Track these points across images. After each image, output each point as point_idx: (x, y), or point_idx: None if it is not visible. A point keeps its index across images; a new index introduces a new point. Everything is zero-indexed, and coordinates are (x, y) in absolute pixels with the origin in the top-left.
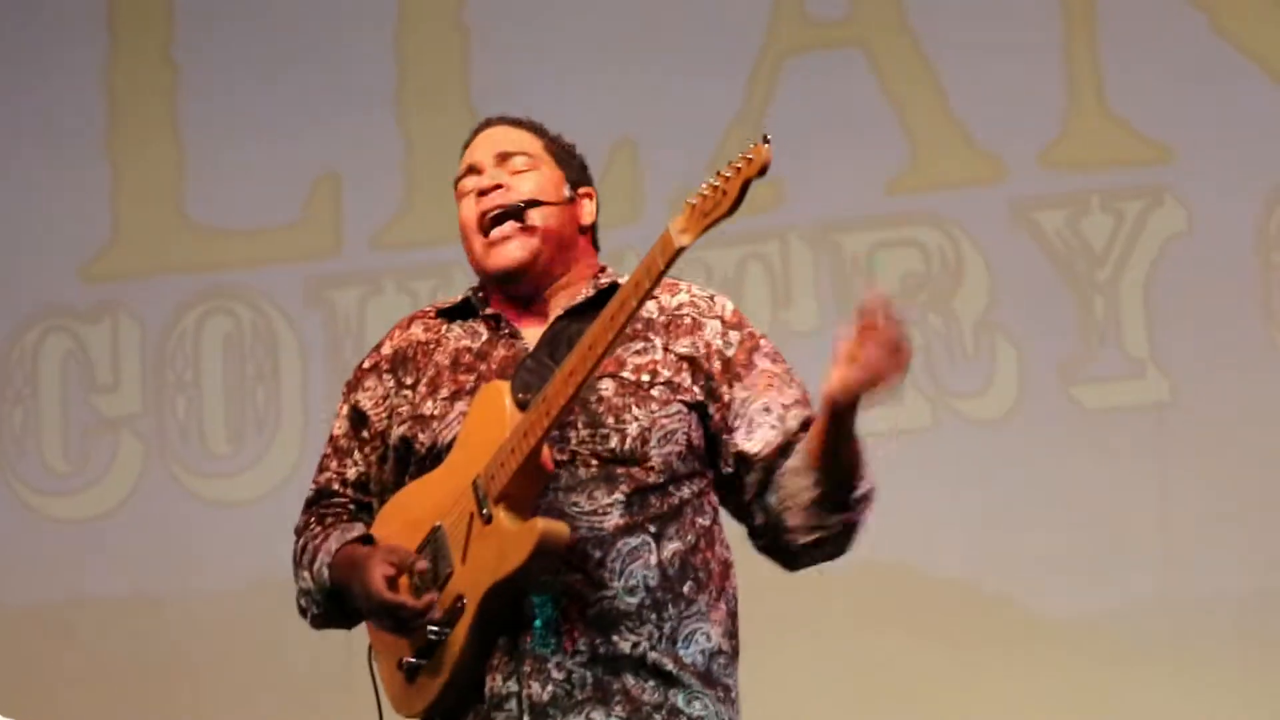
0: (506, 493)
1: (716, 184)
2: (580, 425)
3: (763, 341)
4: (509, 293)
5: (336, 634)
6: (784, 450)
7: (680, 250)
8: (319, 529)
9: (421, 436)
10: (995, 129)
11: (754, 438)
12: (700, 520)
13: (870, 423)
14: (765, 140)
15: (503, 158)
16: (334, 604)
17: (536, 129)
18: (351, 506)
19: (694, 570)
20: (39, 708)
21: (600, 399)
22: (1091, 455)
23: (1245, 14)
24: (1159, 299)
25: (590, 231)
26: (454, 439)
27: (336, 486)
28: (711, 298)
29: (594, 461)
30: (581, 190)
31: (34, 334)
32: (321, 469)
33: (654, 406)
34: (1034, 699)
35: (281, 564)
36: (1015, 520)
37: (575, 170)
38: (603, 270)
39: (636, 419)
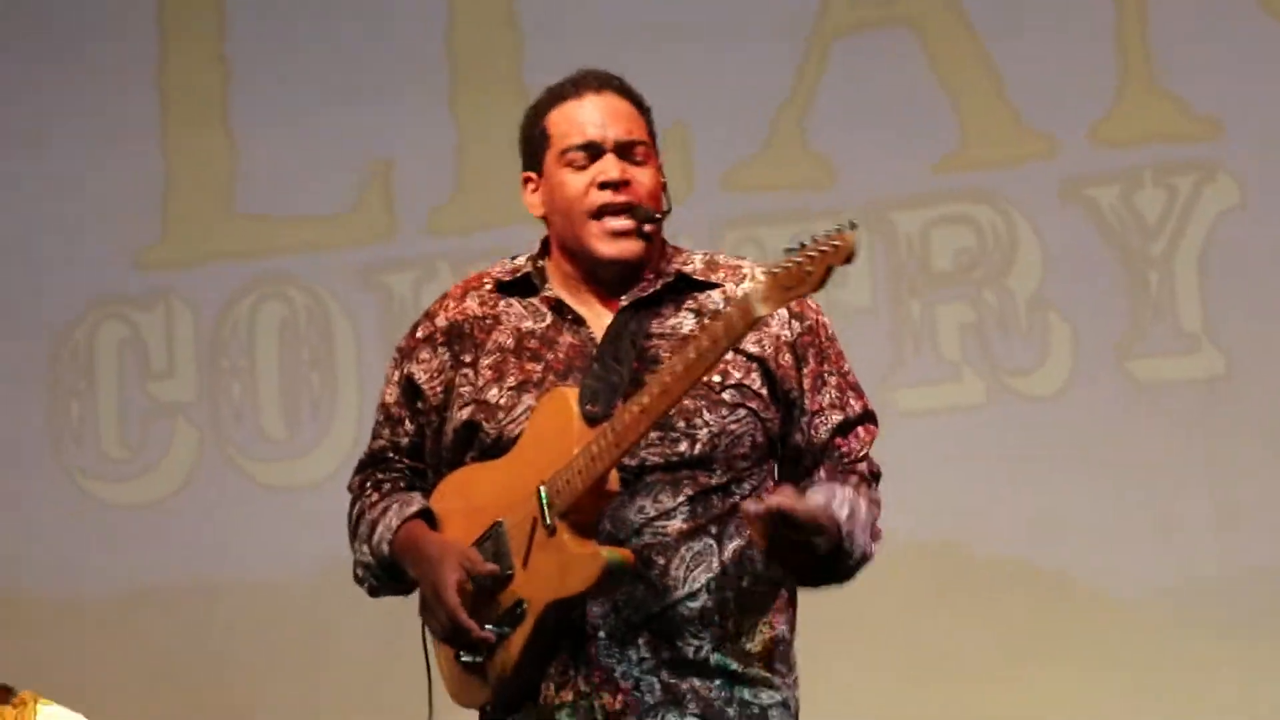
0: (571, 510)
1: (800, 260)
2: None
3: (822, 334)
4: (584, 273)
5: (394, 619)
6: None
7: (759, 319)
8: (375, 496)
9: (487, 426)
10: (1047, 105)
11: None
12: None
13: (924, 400)
14: (852, 226)
15: (624, 147)
16: (391, 577)
17: (640, 102)
18: (407, 473)
19: (754, 564)
20: (95, 694)
21: None
22: (1146, 430)
23: None
24: (1213, 273)
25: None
26: (520, 434)
27: (391, 454)
28: None
29: (662, 466)
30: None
31: (90, 322)
32: (375, 435)
33: (724, 411)
34: (1089, 676)
35: (340, 549)
36: (1070, 497)
37: (658, 144)
38: (664, 250)
39: (707, 424)
